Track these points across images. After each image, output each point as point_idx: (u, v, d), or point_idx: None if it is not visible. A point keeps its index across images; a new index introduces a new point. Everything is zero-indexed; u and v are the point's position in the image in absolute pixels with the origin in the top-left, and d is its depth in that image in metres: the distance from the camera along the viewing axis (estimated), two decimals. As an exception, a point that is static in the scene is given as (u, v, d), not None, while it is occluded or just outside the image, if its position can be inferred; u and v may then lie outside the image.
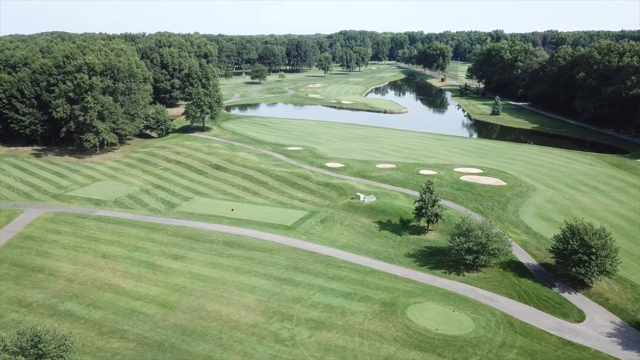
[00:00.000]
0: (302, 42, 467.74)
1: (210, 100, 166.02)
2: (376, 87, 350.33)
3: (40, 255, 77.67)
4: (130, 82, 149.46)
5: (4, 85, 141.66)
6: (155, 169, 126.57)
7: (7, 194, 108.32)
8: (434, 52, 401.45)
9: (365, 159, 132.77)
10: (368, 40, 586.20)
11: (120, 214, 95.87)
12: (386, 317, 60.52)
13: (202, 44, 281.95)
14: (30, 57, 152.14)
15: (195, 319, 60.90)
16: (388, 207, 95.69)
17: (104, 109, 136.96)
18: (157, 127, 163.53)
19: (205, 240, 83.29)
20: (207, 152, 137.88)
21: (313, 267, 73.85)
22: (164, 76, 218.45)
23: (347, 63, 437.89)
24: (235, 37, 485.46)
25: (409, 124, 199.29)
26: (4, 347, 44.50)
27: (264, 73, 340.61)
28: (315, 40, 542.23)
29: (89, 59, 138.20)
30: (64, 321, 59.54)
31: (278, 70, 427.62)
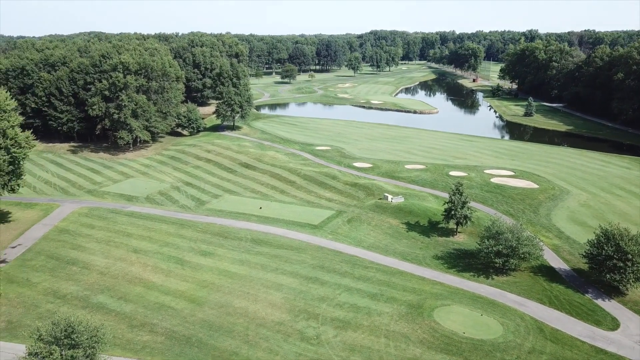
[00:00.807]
0: (332, 42, 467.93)
1: (241, 99, 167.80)
2: (406, 87, 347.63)
3: (74, 249, 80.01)
4: (163, 81, 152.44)
5: (43, 84, 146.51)
6: (186, 167, 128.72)
7: (44, 189, 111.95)
8: (465, 52, 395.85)
9: (393, 160, 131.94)
10: (399, 40, 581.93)
11: (151, 210, 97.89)
12: (412, 319, 60.05)
13: (234, 43, 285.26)
14: (68, 57, 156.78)
15: (222, 315, 61.69)
16: (416, 208, 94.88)
17: (137, 107, 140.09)
18: (188, 125, 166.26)
19: (234, 238, 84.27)
20: (237, 151, 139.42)
21: (339, 266, 73.85)
22: (196, 75, 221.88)
23: (377, 63, 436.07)
24: (266, 37, 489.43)
25: (439, 124, 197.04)
26: (40, 336, 45.98)
27: (293, 73, 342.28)
28: (346, 40, 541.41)
29: (124, 58, 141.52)
30: (96, 313, 61.24)
31: (308, 70, 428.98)
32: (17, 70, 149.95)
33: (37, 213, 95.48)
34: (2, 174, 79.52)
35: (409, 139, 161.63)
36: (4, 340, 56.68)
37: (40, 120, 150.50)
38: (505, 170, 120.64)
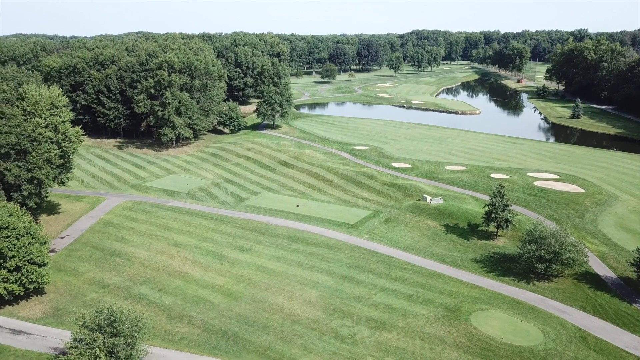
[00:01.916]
0: (373, 41, 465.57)
1: (281, 98, 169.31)
2: (448, 87, 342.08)
3: (118, 241, 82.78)
4: (206, 80, 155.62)
5: (93, 82, 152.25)
6: (226, 164, 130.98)
7: (92, 182, 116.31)
8: (510, 52, 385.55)
9: (433, 160, 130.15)
10: (441, 40, 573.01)
11: (192, 206, 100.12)
12: (449, 322, 59.11)
13: (275, 43, 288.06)
14: (117, 56, 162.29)
15: (258, 310, 62.47)
16: (456, 210, 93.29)
17: (180, 105, 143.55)
18: (229, 123, 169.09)
19: (271, 234, 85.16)
20: (276, 149, 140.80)
21: (375, 266, 73.48)
22: (238, 74, 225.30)
23: (419, 63, 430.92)
24: (307, 37, 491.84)
25: (481, 125, 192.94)
26: (84, 323, 47.91)
27: (334, 72, 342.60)
28: (387, 40, 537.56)
29: (169, 57, 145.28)
30: (137, 304, 63.15)
31: (348, 69, 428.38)
32: (69, 69, 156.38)
33: (85, 205, 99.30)
34: (54, 167, 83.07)
35: (450, 140, 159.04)
36: (52, 326, 59.27)
37: (89, 117, 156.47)
38: (549, 173, 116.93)
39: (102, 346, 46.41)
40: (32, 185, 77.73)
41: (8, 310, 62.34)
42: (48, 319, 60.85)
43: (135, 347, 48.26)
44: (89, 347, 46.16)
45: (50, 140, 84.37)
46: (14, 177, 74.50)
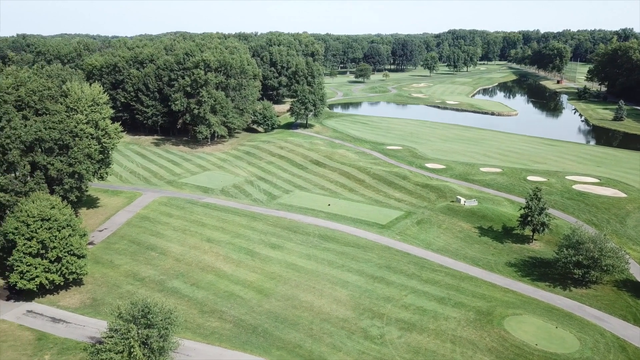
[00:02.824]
0: (408, 41, 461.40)
1: (315, 97, 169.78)
2: (484, 87, 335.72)
3: (154, 235, 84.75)
4: (241, 79, 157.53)
5: (132, 80, 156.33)
6: (259, 162, 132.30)
7: (129, 178, 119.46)
8: (550, 52, 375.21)
9: (468, 162, 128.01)
10: (478, 40, 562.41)
11: (225, 202, 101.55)
12: (481, 326, 58.06)
13: (310, 42, 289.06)
14: (155, 55, 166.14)
15: (288, 307, 62.86)
16: (490, 213, 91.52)
17: (216, 103, 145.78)
18: (263, 122, 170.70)
19: (302, 232, 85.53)
20: (309, 148, 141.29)
21: (406, 268, 72.85)
22: (272, 73, 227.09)
23: (455, 63, 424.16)
24: (342, 36, 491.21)
25: (518, 127, 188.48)
26: (119, 314, 49.25)
27: (368, 72, 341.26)
28: (422, 40, 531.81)
29: (205, 56, 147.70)
30: (170, 297, 64.52)
31: (382, 69, 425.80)
32: (110, 67, 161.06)
33: (122, 200, 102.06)
34: (94, 162, 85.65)
35: (485, 141, 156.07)
36: (89, 316, 61.22)
37: (128, 114, 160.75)
38: (589, 177, 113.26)
39: (137, 337, 47.61)
40: (73, 179, 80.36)
41: (49, 299, 64.72)
42: (86, 309, 62.86)
43: (167, 339, 49.30)
44: (123, 337, 47.44)
45: (91, 136, 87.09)
46: (56, 171, 77.17)
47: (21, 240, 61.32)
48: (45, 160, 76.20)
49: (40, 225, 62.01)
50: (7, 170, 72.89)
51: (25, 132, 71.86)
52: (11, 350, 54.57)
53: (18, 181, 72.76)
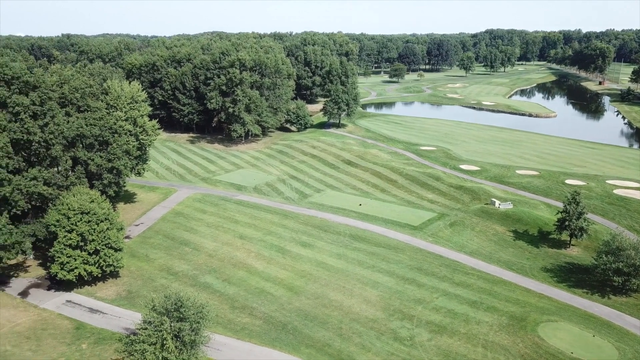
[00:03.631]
0: (444, 41, 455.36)
1: (348, 97, 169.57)
2: (522, 88, 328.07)
3: (187, 231, 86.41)
4: (276, 78, 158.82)
5: (170, 78, 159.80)
6: (292, 161, 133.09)
7: (165, 174, 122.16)
8: (592, 52, 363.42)
9: (503, 164, 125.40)
10: (516, 40, 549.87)
11: (257, 200, 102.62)
12: (514, 332, 56.83)
13: (344, 42, 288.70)
14: (192, 54, 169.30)
15: (317, 306, 63.04)
16: (526, 216, 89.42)
17: (250, 102, 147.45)
18: (296, 121, 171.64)
19: (333, 232, 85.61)
20: (341, 148, 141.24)
21: (438, 270, 71.97)
22: (306, 73, 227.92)
23: (491, 63, 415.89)
24: (376, 36, 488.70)
25: (557, 129, 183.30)
26: (153, 307, 50.38)
27: (402, 72, 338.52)
28: (459, 40, 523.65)
29: (241, 55, 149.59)
30: (203, 292, 65.65)
31: (417, 69, 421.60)
32: (149, 66, 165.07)
33: (158, 196, 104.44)
34: (131, 158, 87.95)
35: (522, 143, 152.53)
36: (124, 308, 62.92)
37: (165, 112, 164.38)
38: (631, 181, 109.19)
39: (169, 329, 48.62)
40: (112, 174, 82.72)
41: (87, 290, 66.86)
42: (121, 301, 64.65)
43: (199, 333, 50.12)
44: (157, 329, 48.51)
45: (130, 132, 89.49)
46: (96, 166, 79.61)
47: (62, 232, 63.56)
48: (85, 155, 78.67)
49: (80, 218, 64.11)
50: (50, 165, 75.61)
51: (68, 128, 74.38)
52: (51, 338, 56.65)
53: (60, 175, 75.37)
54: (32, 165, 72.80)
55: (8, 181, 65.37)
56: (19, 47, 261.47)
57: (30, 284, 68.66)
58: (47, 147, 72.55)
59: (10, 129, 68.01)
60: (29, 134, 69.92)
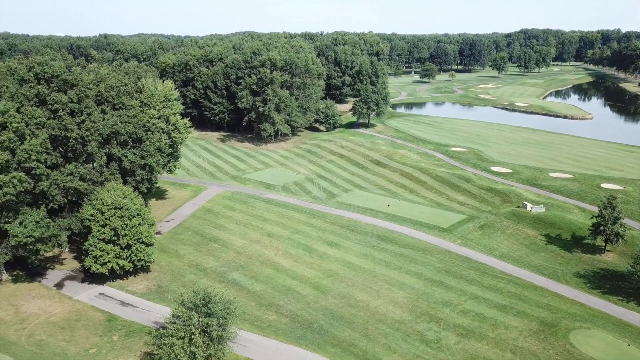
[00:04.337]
0: (477, 41, 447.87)
1: (378, 97, 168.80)
2: (556, 89, 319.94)
3: (217, 228, 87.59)
4: (306, 78, 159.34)
5: (202, 78, 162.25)
6: (320, 160, 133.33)
7: (196, 172, 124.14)
8: (632, 52, 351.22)
9: (536, 166, 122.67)
10: (552, 40, 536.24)
11: (286, 199, 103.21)
12: (544, 338, 55.57)
13: (375, 42, 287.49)
14: (224, 53, 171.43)
15: (344, 305, 63.01)
16: (559, 220, 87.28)
17: (280, 102, 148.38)
18: (325, 121, 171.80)
19: (360, 232, 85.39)
20: (369, 148, 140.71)
21: (467, 273, 70.96)
22: (336, 73, 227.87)
23: (525, 63, 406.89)
24: (407, 36, 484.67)
25: (593, 131, 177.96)
26: (182, 301, 51.26)
27: (433, 72, 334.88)
28: (492, 40, 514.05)
29: (271, 55, 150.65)
30: (230, 288, 66.45)
31: (449, 69, 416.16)
32: (182, 65, 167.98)
33: (188, 193, 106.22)
34: (164, 155, 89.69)
35: (556, 145, 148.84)
36: (154, 302, 64.26)
37: (197, 110, 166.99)
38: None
39: (197, 324, 49.39)
40: (145, 171, 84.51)
41: (118, 284, 68.57)
42: (151, 295, 66.04)
43: (226, 328, 50.76)
44: (185, 324, 49.36)
45: (162, 130, 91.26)
46: (129, 163, 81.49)
47: (96, 226, 65.36)
48: (120, 152, 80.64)
49: (114, 213, 65.79)
50: (86, 161, 77.82)
51: (103, 125, 76.39)
52: (84, 329, 58.34)
53: (95, 171, 77.48)
54: (68, 161, 75.05)
55: (46, 176, 67.57)
56: (59, 47, 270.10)
57: (65, 276, 70.88)
58: (83, 144, 74.67)
59: (49, 126, 70.29)
60: (66, 131, 72.14)
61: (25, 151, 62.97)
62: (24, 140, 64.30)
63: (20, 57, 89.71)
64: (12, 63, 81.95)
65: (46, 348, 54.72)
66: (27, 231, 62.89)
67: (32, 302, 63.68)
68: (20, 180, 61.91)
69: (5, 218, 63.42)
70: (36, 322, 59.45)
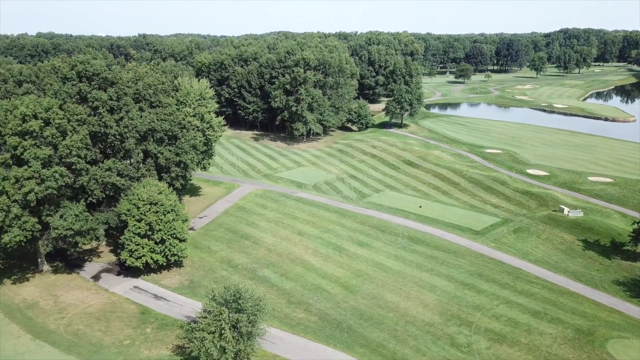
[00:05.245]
0: (514, 40, 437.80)
1: (411, 97, 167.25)
2: (597, 91, 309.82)
3: (248, 225, 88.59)
4: (339, 77, 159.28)
5: (237, 77, 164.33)
6: (351, 160, 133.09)
7: (229, 170, 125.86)
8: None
9: (574, 170, 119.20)
10: (593, 39, 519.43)
11: (317, 198, 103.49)
12: (580, 346, 53.97)
13: (410, 42, 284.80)
14: (259, 53, 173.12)
15: (373, 306, 62.75)
16: (597, 226, 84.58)
17: (313, 101, 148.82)
18: (358, 121, 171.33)
19: (391, 233, 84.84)
20: (402, 148, 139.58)
21: (500, 277, 69.58)
22: (370, 73, 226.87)
23: (565, 64, 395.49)
24: (443, 36, 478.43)
25: (635, 134, 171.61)
26: (213, 297, 52.05)
27: (469, 72, 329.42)
28: (530, 39, 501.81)
29: (305, 54, 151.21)
30: (260, 285, 67.08)
31: (484, 70, 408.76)
32: (217, 64, 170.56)
33: (222, 190, 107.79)
34: (198, 152, 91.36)
35: (596, 148, 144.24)
36: (186, 296, 65.49)
37: (231, 109, 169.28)
38: None
39: (227, 320, 50.04)
40: (179, 168, 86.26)
41: (152, 278, 70.19)
42: (184, 289, 67.33)
43: (256, 325, 51.24)
44: (216, 319, 50.06)
45: (197, 128, 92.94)
46: (165, 159, 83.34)
47: (132, 221, 67.09)
48: (156, 149, 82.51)
49: (149, 208, 67.40)
50: (123, 157, 79.98)
51: (141, 123, 78.32)
52: (119, 320, 59.99)
53: (132, 167, 79.51)
54: (107, 157, 77.30)
55: (86, 171, 69.76)
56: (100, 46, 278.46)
57: (101, 269, 73.05)
58: (121, 140, 76.76)
59: (89, 122, 72.55)
60: (106, 127, 74.32)
61: (66, 147, 65.15)
62: (66, 136, 66.54)
63: (63, 56, 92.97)
64: (56, 62, 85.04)
65: (83, 337, 56.53)
66: (67, 224, 65.09)
67: (71, 293, 65.89)
68: (61, 174, 64.08)
69: (47, 211, 65.78)
70: (74, 312, 61.49)
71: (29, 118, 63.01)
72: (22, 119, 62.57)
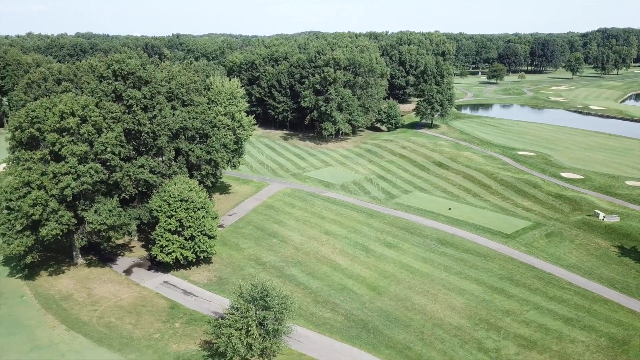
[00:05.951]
0: (550, 40, 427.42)
1: (442, 97, 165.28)
2: (637, 92, 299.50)
3: (276, 223, 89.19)
4: (369, 77, 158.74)
5: (267, 76, 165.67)
6: (380, 160, 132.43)
7: (259, 169, 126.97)
8: None
9: (611, 173, 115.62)
10: (633, 39, 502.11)
11: (344, 198, 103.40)
12: (614, 356, 52.38)
13: (441, 42, 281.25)
14: (289, 53, 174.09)
15: (400, 308, 62.33)
16: (634, 231, 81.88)
17: (343, 101, 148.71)
18: (387, 121, 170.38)
19: (419, 234, 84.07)
20: (432, 149, 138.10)
21: (530, 282, 68.11)
22: (400, 72, 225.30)
23: (603, 64, 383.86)
24: (475, 36, 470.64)
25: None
26: (241, 294, 52.64)
27: (501, 73, 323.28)
28: (566, 39, 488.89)
29: (335, 54, 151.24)
30: (287, 284, 67.46)
31: (518, 70, 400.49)
32: (248, 64, 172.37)
33: (251, 189, 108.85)
34: (228, 151, 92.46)
35: (634, 152, 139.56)
36: (214, 292, 66.41)
37: (261, 109, 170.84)
38: None
39: (254, 317, 50.54)
40: (210, 166, 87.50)
41: (182, 273, 71.44)
42: (212, 286, 68.29)
43: (282, 323, 51.59)
44: (243, 315, 50.64)
45: (228, 127, 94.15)
46: (196, 157, 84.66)
47: (163, 217, 68.44)
48: (187, 147, 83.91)
49: (180, 205, 68.61)
50: (156, 154, 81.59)
51: (173, 121, 79.79)
52: (149, 314, 61.29)
53: (164, 164, 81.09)
54: (140, 154, 78.97)
55: (120, 167, 71.46)
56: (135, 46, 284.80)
57: (133, 264, 74.76)
58: (154, 138, 78.33)
59: (124, 120, 74.31)
60: (139, 125, 75.98)
61: (102, 143, 66.90)
62: (101, 133, 68.34)
63: (100, 55, 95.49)
64: (93, 61, 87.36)
65: (114, 330, 57.98)
66: (101, 219, 66.86)
67: (104, 286, 67.68)
68: (96, 170, 65.85)
69: (82, 206, 67.69)
70: (106, 305, 63.13)
71: (67, 115, 64.96)
72: (60, 116, 64.56)
